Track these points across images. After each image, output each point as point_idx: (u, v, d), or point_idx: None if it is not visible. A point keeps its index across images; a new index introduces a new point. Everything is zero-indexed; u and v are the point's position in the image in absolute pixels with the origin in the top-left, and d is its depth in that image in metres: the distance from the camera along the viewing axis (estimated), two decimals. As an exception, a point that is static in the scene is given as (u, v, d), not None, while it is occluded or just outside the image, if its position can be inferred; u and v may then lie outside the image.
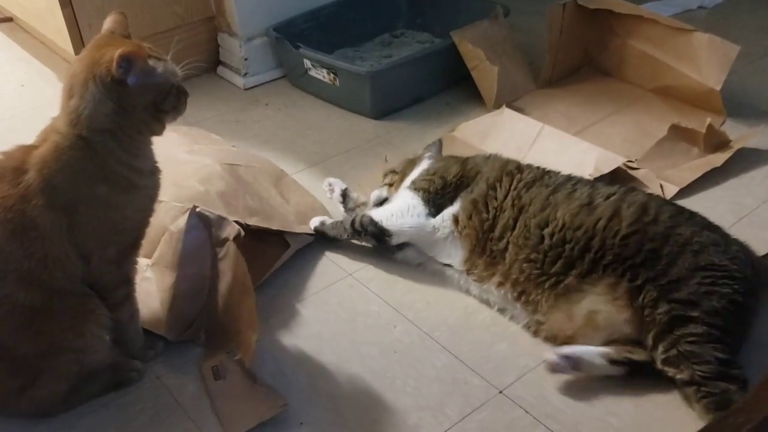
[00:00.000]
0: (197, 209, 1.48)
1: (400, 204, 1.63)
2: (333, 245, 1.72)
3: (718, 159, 1.91)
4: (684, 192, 1.84)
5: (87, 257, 1.23)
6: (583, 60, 2.45)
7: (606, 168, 1.81)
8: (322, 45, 2.39)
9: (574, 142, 1.95)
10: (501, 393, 1.36)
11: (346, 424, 1.32)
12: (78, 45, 2.27)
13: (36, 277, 1.19)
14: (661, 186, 1.84)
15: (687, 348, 1.28)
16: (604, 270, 1.39)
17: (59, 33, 2.33)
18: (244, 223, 1.54)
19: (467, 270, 1.56)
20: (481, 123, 2.08)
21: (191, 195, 1.55)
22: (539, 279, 1.44)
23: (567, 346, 1.37)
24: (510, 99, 2.23)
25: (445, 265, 1.61)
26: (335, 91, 2.29)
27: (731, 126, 2.09)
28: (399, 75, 2.27)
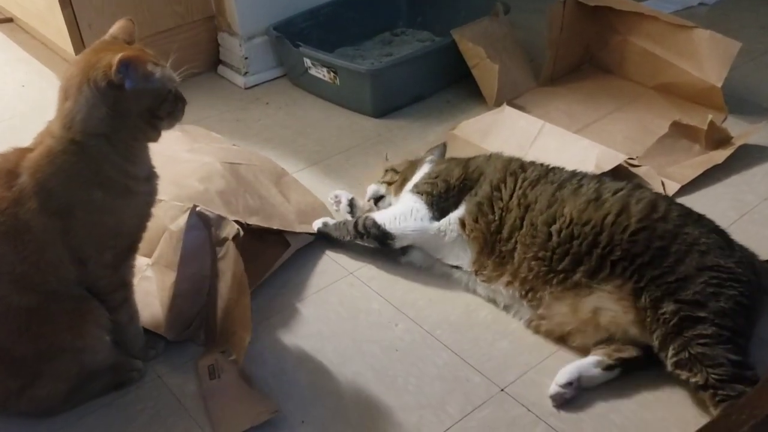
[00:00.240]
0: (197, 209, 1.48)
1: (402, 207, 1.63)
2: (333, 244, 1.72)
3: (719, 156, 1.90)
4: (685, 189, 1.84)
5: (83, 261, 1.23)
6: (584, 57, 2.45)
7: (607, 165, 1.80)
8: (322, 44, 2.38)
9: (575, 139, 1.94)
10: (503, 391, 1.36)
11: (347, 422, 1.31)
12: (78, 45, 2.27)
13: (29, 280, 1.19)
14: (663, 183, 1.83)
15: (699, 350, 1.26)
16: (611, 268, 1.38)
17: (59, 33, 2.33)
18: (244, 223, 1.54)
19: (476, 271, 1.55)
20: (482, 121, 2.08)
21: (191, 194, 1.55)
22: (547, 276, 1.43)
23: (561, 372, 1.33)
24: (511, 97, 2.23)
25: (453, 267, 1.60)
26: (336, 90, 2.29)
27: (733, 123, 2.08)
28: (399, 73, 2.27)
